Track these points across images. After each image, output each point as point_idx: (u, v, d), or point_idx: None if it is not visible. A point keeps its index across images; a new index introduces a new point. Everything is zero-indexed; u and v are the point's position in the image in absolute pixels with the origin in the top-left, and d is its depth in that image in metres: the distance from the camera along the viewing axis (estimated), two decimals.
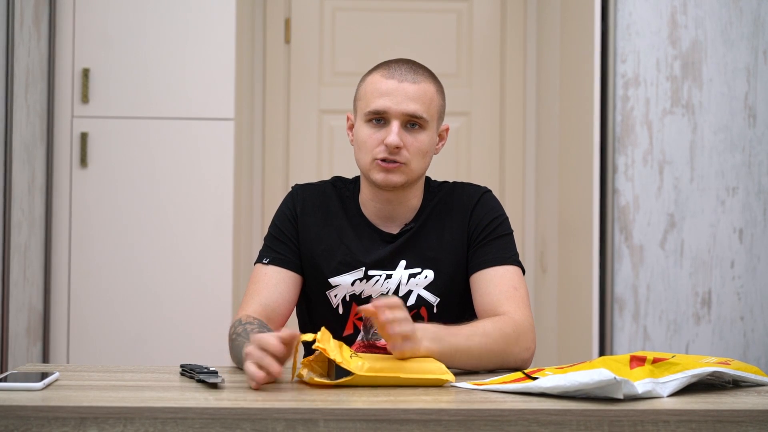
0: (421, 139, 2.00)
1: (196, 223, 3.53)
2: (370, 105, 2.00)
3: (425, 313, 2.03)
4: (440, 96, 2.05)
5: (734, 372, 1.68)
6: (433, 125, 2.03)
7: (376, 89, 2.00)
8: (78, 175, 3.52)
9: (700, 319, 3.34)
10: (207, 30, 3.55)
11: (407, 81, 1.99)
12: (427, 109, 2.00)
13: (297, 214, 2.10)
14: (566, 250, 3.75)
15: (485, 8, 4.33)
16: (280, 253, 2.07)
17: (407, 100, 1.98)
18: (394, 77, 2.00)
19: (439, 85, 2.06)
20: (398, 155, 1.99)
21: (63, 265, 3.51)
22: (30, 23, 3.32)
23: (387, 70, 2.02)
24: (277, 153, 4.26)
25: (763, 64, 3.36)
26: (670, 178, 3.35)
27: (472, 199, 2.09)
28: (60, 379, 1.69)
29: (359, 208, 2.09)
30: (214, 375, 1.67)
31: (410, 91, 1.99)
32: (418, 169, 2.02)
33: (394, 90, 1.99)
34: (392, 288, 2.03)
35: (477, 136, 4.33)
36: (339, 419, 1.46)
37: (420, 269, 2.04)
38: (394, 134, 1.97)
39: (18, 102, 3.21)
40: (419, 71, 2.02)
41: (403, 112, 1.98)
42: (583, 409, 1.48)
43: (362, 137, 2.02)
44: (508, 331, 1.87)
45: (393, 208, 2.07)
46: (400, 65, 2.02)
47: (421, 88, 2.00)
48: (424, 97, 2.00)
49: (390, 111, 1.98)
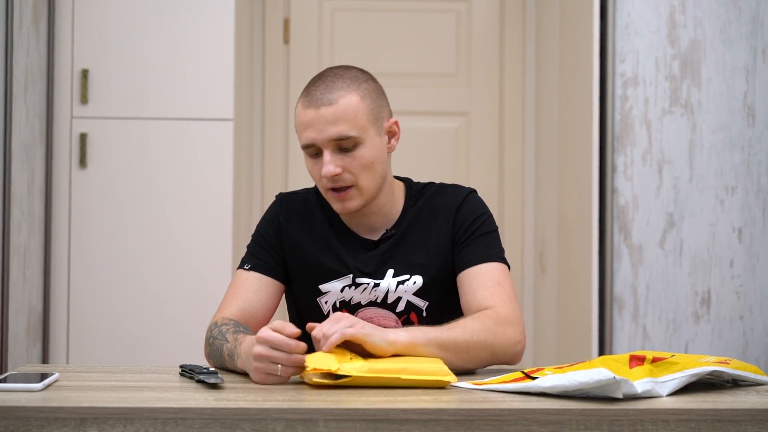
0: (360, 155, 1.96)
1: (196, 223, 3.53)
2: (300, 139, 1.98)
3: (415, 318, 2.02)
4: (368, 99, 1.98)
5: (733, 371, 1.68)
6: (369, 133, 1.97)
7: (300, 122, 1.97)
8: (77, 175, 3.52)
9: (699, 318, 3.34)
10: (206, 30, 3.55)
11: (323, 105, 1.93)
12: (353, 125, 1.94)
13: (281, 222, 2.09)
14: (565, 249, 3.76)
15: (484, 8, 4.33)
16: (262, 259, 2.06)
17: (328, 126, 1.93)
18: (312, 105, 1.94)
19: (364, 87, 1.98)
20: (341, 180, 1.96)
21: (62, 266, 3.51)
22: (29, 24, 3.32)
23: (306, 97, 1.97)
24: (277, 153, 4.26)
25: (762, 64, 3.36)
26: (669, 178, 3.35)
27: (456, 201, 2.06)
28: (60, 379, 1.69)
29: (339, 217, 2.08)
30: (214, 375, 1.67)
31: (328, 114, 1.93)
32: (371, 183, 1.99)
33: (314, 119, 1.94)
34: (380, 296, 2.02)
35: (476, 136, 4.33)
36: (339, 419, 1.46)
37: (408, 275, 2.02)
38: (327, 164, 1.94)
39: (17, 103, 3.21)
40: (336, 86, 1.95)
41: (328, 139, 1.94)
42: (583, 409, 1.48)
43: (308, 170, 2.01)
44: (490, 324, 1.85)
45: (368, 219, 2.06)
46: (317, 87, 1.96)
47: (340, 107, 1.94)
48: (346, 115, 1.94)
49: (317, 142, 1.95)
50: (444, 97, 4.30)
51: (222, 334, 1.85)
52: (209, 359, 1.91)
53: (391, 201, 2.07)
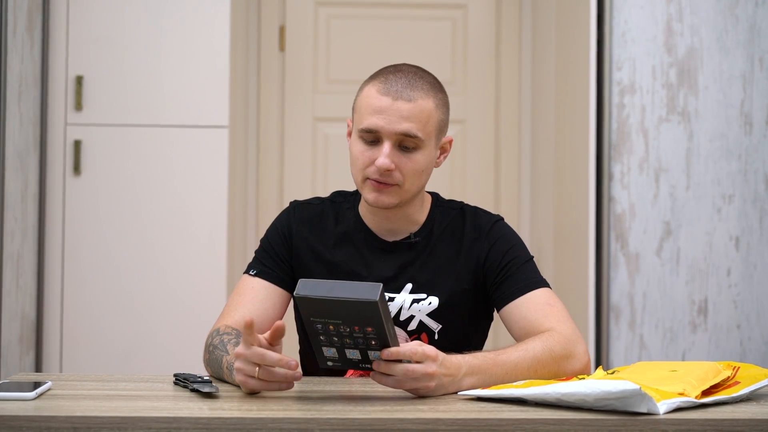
0: (416, 159, 1.93)
1: (191, 230, 3.52)
2: (363, 122, 1.93)
3: (426, 340, 1.98)
4: (440, 110, 1.97)
5: (747, 390, 1.65)
6: (431, 142, 1.95)
7: (370, 105, 1.92)
8: (71, 182, 3.51)
9: (696, 327, 3.33)
10: (201, 37, 3.54)
11: (402, 99, 1.91)
12: (423, 127, 1.92)
13: (292, 232, 2.05)
14: (562, 258, 3.75)
15: (480, 16, 4.33)
16: (269, 267, 2.03)
17: (401, 120, 1.90)
18: (389, 94, 1.91)
19: (440, 97, 1.97)
20: (390, 177, 1.92)
21: (56, 274, 3.49)
22: (23, 30, 3.30)
23: (384, 84, 1.94)
24: (272, 160, 4.25)
25: (759, 72, 3.35)
26: (665, 186, 3.34)
27: (484, 229, 2.02)
28: (52, 388, 1.68)
29: (360, 218, 2.05)
30: (208, 384, 1.65)
31: (404, 110, 1.90)
32: (413, 189, 1.96)
33: (388, 108, 1.91)
34: (393, 311, 1.97)
35: (472, 143, 4.32)
36: (335, 429, 1.45)
37: (425, 295, 1.99)
38: (384, 156, 1.90)
39: (11, 110, 3.20)
40: (417, 85, 1.94)
41: (396, 132, 1.91)
42: (581, 419, 1.47)
43: (355, 153, 1.96)
44: (557, 350, 1.81)
45: (392, 223, 2.02)
46: (398, 78, 1.94)
47: (418, 106, 1.91)
48: (420, 116, 1.91)
49: (382, 131, 1.91)
50: None
51: (223, 344, 1.82)
52: (207, 366, 1.89)
53: (419, 210, 2.04)
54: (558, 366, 1.80)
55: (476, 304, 2.02)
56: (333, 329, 1.58)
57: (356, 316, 1.54)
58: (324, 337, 1.60)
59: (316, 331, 1.59)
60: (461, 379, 1.67)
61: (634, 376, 1.63)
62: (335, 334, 1.59)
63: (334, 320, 1.56)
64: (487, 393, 1.62)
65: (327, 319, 1.57)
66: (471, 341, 2.03)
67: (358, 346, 1.59)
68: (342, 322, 1.56)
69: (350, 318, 1.55)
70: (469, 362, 1.70)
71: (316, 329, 1.59)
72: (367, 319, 1.54)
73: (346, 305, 1.53)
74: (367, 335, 1.57)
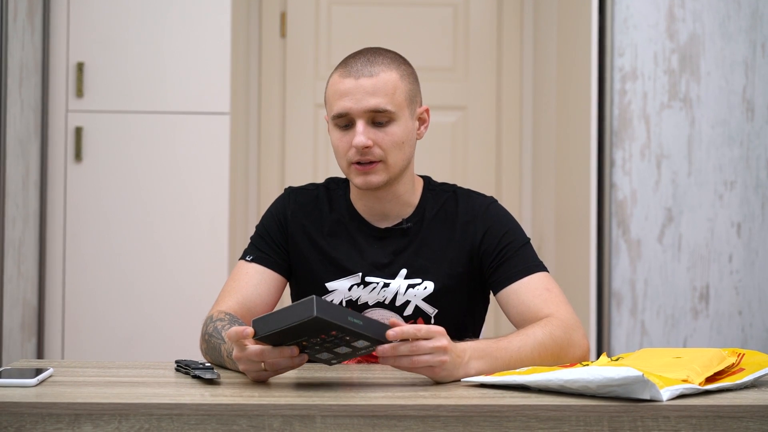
0: (393, 132, 1.93)
1: (192, 217, 3.52)
2: (333, 109, 1.94)
3: (422, 323, 1.99)
4: (406, 80, 1.97)
5: (750, 378, 1.65)
6: (404, 113, 1.95)
7: (335, 91, 1.94)
8: (72, 169, 3.50)
9: (698, 313, 3.33)
10: (202, 24, 3.53)
11: (364, 76, 1.92)
12: (391, 99, 1.92)
13: (288, 218, 2.05)
14: (563, 244, 3.74)
15: (482, 2, 4.32)
16: (265, 252, 2.03)
17: (367, 96, 1.91)
18: (351, 75, 1.93)
19: (404, 69, 1.97)
20: (370, 154, 1.92)
21: (57, 260, 3.49)
22: (24, 17, 3.30)
23: (344, 68, 1.95)
24: (273, 147, 4.25)
25: (761, 58, 3.34)
26: (667, 173, 3.34)
27: (478, 212, 2.02)
28: (54, 375, 1.68)
29: (351, 205, 2.05)
30: (210, 371, 1.65)
31: (368, 85, 1.91)
32: (398, 162, 1.96)
33: (352, 89, 1.92)
34: (389, 297, 1.98)
35: (473, 130, 4.32)
36: (336, 415, 1.45)
37: (420, 280, 1.98)
38: (359, 134, 1.90)
39: (12, 96, 3.19)
40: (377, 61, 1.94)
41: (365, 110, 1.91)
42: (583, 405, 1.47)
43: (334, 142, 1.97)
44: (559, 335, 1.81)
45: (383, 205, 2.02)
46: (357, 60, 1.95)
47: (381, 80, 1.92)
48: (386, 88, 1.92)
49: (352, 111, 1.92)
50: (441, 92, 4.29)
51: (218, 331, 1.82)
52: (206, 355, 1.89)
53: (410, 191, 2.03)
54: (560, 350, 1.80)
55: (472, 288, 2.02)
56: (308, 343, 1.58)
57: (314, 330, 1.54)
58: (308, 350, 1.61)
59: (301, 347, 1.59)
60: (468, 363, 1.67)
61: (638, 363, 1.63)
62: (316, 344, 1.59)
63: (301, 338, 1.57)
64: (490, 380, 1.62)
65: (296, 340, 1.57)
66: (468, 327, 2.03)
67: (341, 344, 1.60)
68: (308, 337, 1.56)
69: (311, 332, 1.55)
70: (473, 346, 1.70)
71: (300, 346, 1.59)
72: (322, 328, 1.54)
73: (297, 328, 1.53)
74: (339, 336, 1.57)
